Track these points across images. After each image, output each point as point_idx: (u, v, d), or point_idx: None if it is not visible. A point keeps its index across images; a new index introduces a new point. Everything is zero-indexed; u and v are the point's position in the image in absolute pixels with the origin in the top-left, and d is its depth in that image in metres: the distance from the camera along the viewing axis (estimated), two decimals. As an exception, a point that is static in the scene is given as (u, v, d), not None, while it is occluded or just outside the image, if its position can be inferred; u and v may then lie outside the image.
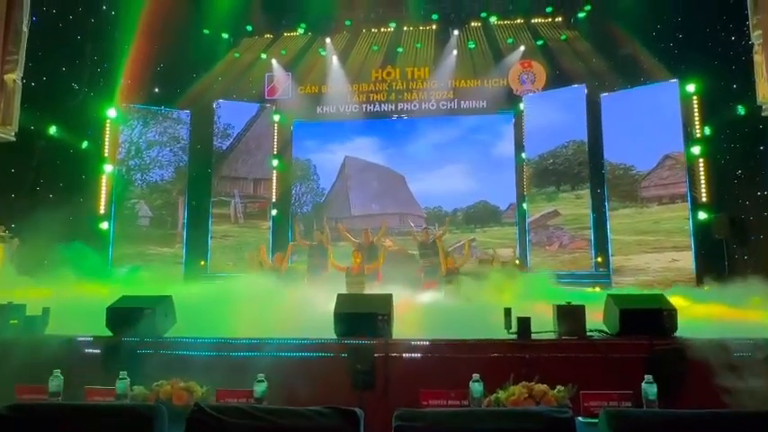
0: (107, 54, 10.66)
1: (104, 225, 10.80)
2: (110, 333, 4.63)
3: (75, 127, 10.28)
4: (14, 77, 6.91)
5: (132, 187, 11.28)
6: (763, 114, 8.30)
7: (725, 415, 2.13)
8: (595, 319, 4.75)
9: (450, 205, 11.99)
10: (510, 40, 12.12)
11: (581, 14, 11.73)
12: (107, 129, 11.11)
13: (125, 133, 11.24)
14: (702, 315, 5.81)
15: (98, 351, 4.37)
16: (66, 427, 2.23)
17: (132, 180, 11.31)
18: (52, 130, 9.74)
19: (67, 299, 5.92)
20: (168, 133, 11.60)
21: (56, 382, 3.43)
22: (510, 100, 12.00)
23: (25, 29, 7.00)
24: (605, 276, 10.35)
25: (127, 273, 10.30)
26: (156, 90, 11.79)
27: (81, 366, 4.02)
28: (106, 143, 11.09)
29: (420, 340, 4.39)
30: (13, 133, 7.02)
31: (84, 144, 10.61)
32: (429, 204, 12.05)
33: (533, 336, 4.44)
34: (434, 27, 12.39)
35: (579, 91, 10.99)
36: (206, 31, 12.07)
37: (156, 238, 11.23)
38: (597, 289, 9.38)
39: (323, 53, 12.57)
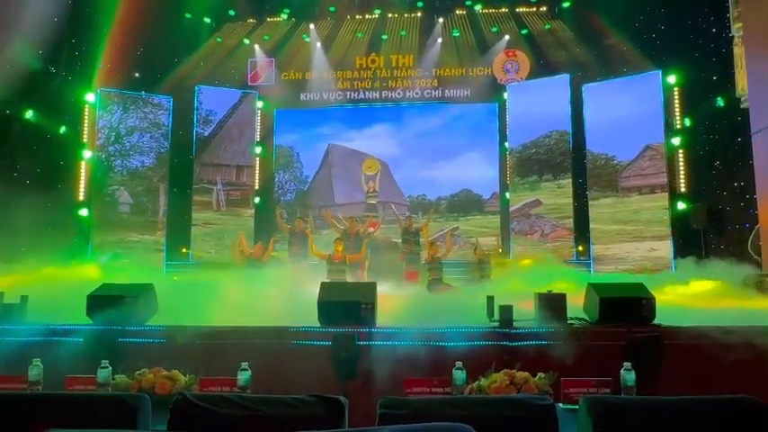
0: (85, 37, 10.42)
1: (84, 212, 10.61)
2: (90, 321, 4.58)
3: (53, 111, 10.07)
4: (-11, 60, 6.75)
5: (112, 174, 11.09)
6: (741, 106, 8.47)
7: (701, 401, 2.18)
8: (576, 307, 4.83)
9: (433, 194, 12.03)
10: (494, 29, 12.11)
11: (565, 4, 11.76)
12: (86, 114, 10.89)
13: (104, 118, 11.01)
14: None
15: (79, 339, 4.31)
16: (48, 416, 2.21)
17: (112, 166, 11.12)
18: (28, 114, 9.52)
19: (46, 287, 5.84)
20: (149, 119, 11.40)
21: (35, 371, 3.38)
22: (494, 89, 12.02)
23: (0, 10, 6.83)
24: (586, 265, 10.49)
25: (107, 260, 10.16)
26: (137, 75, 11.58)
27: (61, 355, 3.97)
28: (85, 128, 10.87)
29: (403, 329, 4.42)
30: (-12, 117, 6.87)
31: (62, 129, 10.40)
32: (413, 193, 12.07)
33: (515, 324, 4.49)
34: (419, 15, 12.32)
35: (563, 81, 11.03)
36: (187, 15, 11.83)
37: (137, 226, 11.08)
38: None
39: (306, 39, 12.43)
